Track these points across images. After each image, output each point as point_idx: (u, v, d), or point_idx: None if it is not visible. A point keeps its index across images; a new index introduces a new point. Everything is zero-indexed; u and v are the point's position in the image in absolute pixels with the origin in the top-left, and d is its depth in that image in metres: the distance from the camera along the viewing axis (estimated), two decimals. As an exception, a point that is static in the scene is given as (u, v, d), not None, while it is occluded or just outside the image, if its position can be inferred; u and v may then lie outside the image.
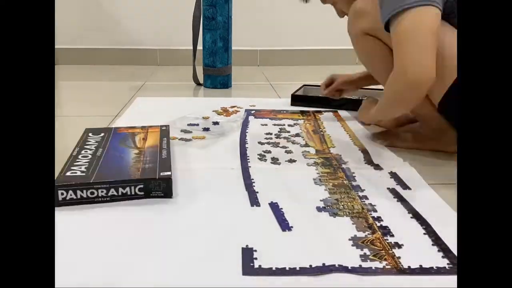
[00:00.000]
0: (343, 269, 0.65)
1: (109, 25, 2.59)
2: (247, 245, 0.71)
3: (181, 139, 1.25)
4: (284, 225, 0.78)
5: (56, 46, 2.51)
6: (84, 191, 0.84)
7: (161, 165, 0.94)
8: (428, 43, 0.91)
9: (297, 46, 2.68)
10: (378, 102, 1.13)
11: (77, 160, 0.97)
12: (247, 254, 0.69)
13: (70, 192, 0.84)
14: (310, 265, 0.66)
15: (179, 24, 2.41)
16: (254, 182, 0.96)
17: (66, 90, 2.02)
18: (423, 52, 0.91)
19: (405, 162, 1.09)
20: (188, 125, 1.37)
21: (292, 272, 0.65)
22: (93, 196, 0.85)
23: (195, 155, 1.14)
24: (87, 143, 1.09)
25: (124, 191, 0.86)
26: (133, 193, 0.86)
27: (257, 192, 0.91)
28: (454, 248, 0.71)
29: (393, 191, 0.93)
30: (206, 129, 1.34)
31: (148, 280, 0.63)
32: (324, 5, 1.30)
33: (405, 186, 0.95)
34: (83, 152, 1.02)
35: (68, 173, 0.89)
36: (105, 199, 0.85)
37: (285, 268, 0.65)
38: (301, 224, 0.78)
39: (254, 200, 0.88)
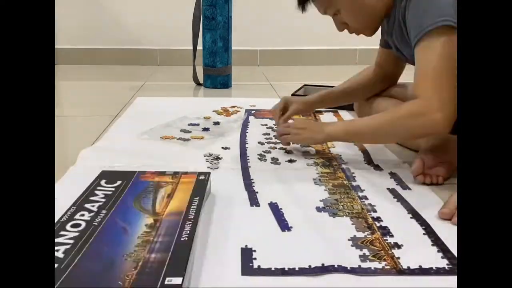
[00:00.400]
0: (342, 269, 0.65)
1: (109, 25, 2.59)
2: (246, 245, 0.71)
3: (180, 138, 1.25)
4: (284, 225, 0.78)
5: (56, 46, 2.52)
6: None
7: (174, 259, 0.61)
8: (452, 81, 0.83)
9: (297, 46, 2.68)
10: (349, 125, 1.07)
11: (62, 232, 0.67)
12: (246, 254, 0.69)
13: None
14: (309, 266, 0.66)
15: (179, 24, 2.41)
16: (253, 182, 0.96)
17: (66, 90, 2.02)
18: (447, 92, 0.85)
19: (405, 163, 1.08)
20: (189, 125, 1.37)
21: (291, 272, 0.65)
22: None
23: (193, 155, 1.13)
24: (91, 197, 0.79)
25: None
26: None
27: (257, 192, 0.91)
28: (453, 249, 0.70)
29: (393, 191, 0.93)
30: (206, 129, 1.34)
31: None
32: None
33: (405, 186, 0.95)
34: (77, 216, 0.72)
35: None
36: None
37: (284, 268, 0.65)
38: (300, 224, 0.78)
39: (253, 200, 0.88)
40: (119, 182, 0.85)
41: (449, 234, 0.74)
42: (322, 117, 1.50)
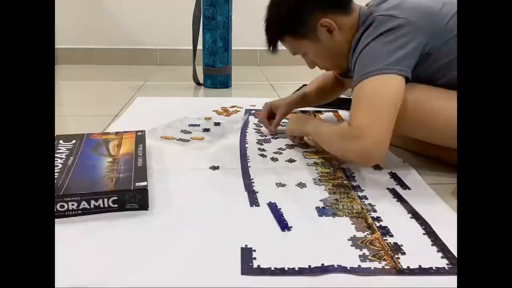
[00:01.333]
0: (342, 269, 0.65)
1: (109, 25, 2.59)
2: (246, 245, 0.71)
3: (180, 139, 1.25)
4: (283, 225, 0.78)
5: (56, 46, 2.51)
6: (54, 204, 0.78)
7: (137, 175, 0.88)
8: (385, 112, 0.89)
9: (297, 46, 2.68)
10: (320, 127, 1.09)
11: None
12: (246, 254, 0.69)
13: None
14: (309, 266, 0.66)
15: (179, 24, 2.41)
16: (253, 182, 0.96)
17: (66, 90, 2.02)
18: (379, 120, 0.89)
19: (405, 163, 1.09)
20: (189, 125, 1.37)
21: (291, 272, 0.65)
22: (63, 209, 0.79)
23: (193, 156, 1.13)
24: (57, 151, 1.02)
25: (96, 204, 0.80)
26: (106, 205, 0.81)
27: (257, 192, 0.91)
28: (453, 249, 0.71)
29: (392, 191, 0.93)
30: (206, 130, 1.34)
31: (147, 280, 0.63)
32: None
33: (405, 186, 0.95)
34: None
35: None
36: (76, 212, 0.80)
37: (284, 268, 0.65)
38: (300, 224, 0.78)
39: (253, 200, 0.88)
40: (74, 141, 1.09)
41: (449, 234, 0.74)
42: (322, 117, 1.50)
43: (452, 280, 0.63)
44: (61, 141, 1.08)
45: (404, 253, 0.70)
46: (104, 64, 2.59)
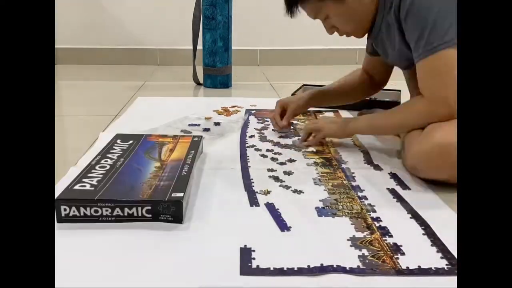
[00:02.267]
0: (341, 269, 0.65)
1: (109, 25, 2.59)
2: (245, 245, 0.71)
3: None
4: (282, 225, 0.78)
5: (56, 46, 2.51)
6: (88, 208, 0.77)
7: (177, 184, 0.84)
8: (455, 83, 0.87)
9: (297, 46, 2.68)
10: (372, 119, 1.14)
11: (93, 170, 0.90)
12: (245, 254, 0.69)
13: (73, 208, 0.77)
14: (308, 266, 0.66)
15: (179, 24, 2.41)
16: (253, 182, 0.96)
17: (66, 89, 2.02)
18: (452, 88, 0.88)
19: (404, 163, 1.08)
20: (189, 125, 1.37)
21: (290, 272, 0.65)
22: (97, 214, 0.77)
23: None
24: (111, 150, 1.01)
25: (130, 212, 0.78)
26: (140, 214, 0.78)
27: (257, 192, 0.91)
28: (453, 249, 0.70)
29: (392, 192, 0.93)
30: (206, 130, 1.34)
31: (146, 279, 0.63)
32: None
33: (405, 187, 0.95)
34: (103, 161, 0.95)
35: (77, 186, 0.82)
36: (109, 218, 0.78)
37: (283, 268, 0.65)
38: (299, 225, 0.78)
39: (253, 200, 0.88)
40: (131, 141, 1.09)
41: (448, 234, 0.74)
42: (322, 117, 1.50)
43: (451, 280, 0.63)
44: (118, 141, 1.08)
45: (403, 254, 0.70)
46: (104, 64, 2.59)
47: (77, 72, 2.41)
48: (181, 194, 0.79)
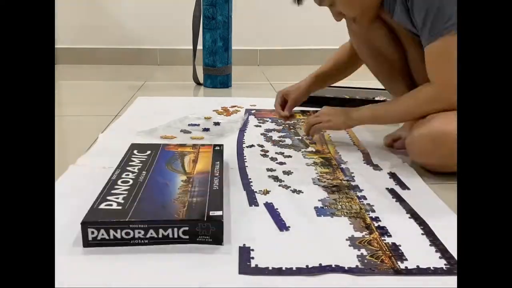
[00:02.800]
0: (339, 269, 0.65)
1: (109, 25, 2.59)
2: (244, 244, 0.71)
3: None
4: (281, 225, 0.78)
5: (56, 46, 2.52)
6: (118, 231, 0.70)
7: (212, 200, 0.78)
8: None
9: (297, 46, 2.68)
10: (375, 109, 1.14)
11: (116, 186, 0.82)
12: (244, 253, 0.69)
13: (102, 231, 0.70)
14: (307, 265, 0.66)
15: (179, 23, 2.41)
16: (251, 182, 0.96)
17: (66, 89, 2.02)
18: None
19: (404, 163, 1.08)
20: (189, 125, 1.37)
21: (289, 272, 0.65)
22: (129, 237, 0.70)
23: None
24: (130, 163, 0.94)
25: (165, 233, 0.70)
26: (176, 236, 0.71)
27: (255, 192, 0.91)
28: (452, 249, 0.70)
29: (391, 191, 0.93)
30: (206, 130, 1.34)
31: (144, 278, 0.63)
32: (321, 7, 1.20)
33: (404, 187, 0.95)
34: (124, 175, 0.87)
35: (103, 205, 0.75)
36: (142, 241, 0.71)
37: (281, 268, 0.65)
38: (298, 224, 0.78)
39: (252, 200, 0.88)
40: (149, 152, 1.01)
41: (448, 234, 0.74)
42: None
43: (450, 280, 0.63)
44: (135, 151, 1.01)
45: (402, 253, 0.69)
46: (104, 64, 2.59)
47: (77, 72, 2.42)
48: (220, 213, 0.73)
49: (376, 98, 1.64)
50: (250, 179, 0.98)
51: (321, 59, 2.66)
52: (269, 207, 0.85)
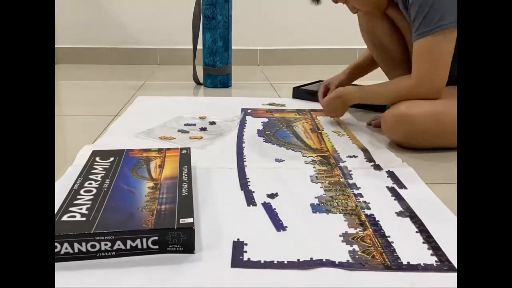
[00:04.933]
0: (330, 263, 0.65)
1: (109, 25, 2.60)
2: (238, 239, 0.72)
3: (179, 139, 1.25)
4: (279, 225, 0.78)
5: (56, 46, 2.53)
6: (83, 243, 0.66)
7: (181, 207, 0.74)
8: (447, 66, 1.10)
9: (297, 46, 2.69)
10: (368, 91, 1.30)
11: (79, 196, 0.78)
12: (238, 247, 0.70)
13: (66, 245, 0.66)
14: (298, 259, 0.66)
15: (179, 23, 2.42)
16: (249, 182, 0.96)
17: (66, 89, 2.02)
18: (444, 75, 1.11)
19: (403, 162, 1.08)
20: (185, 125, 1.38)
21: (280, 265, 0.65)
22: (95, 250, 0.67)
23: (193, 155, 1.13)
24: (92, 171, 0.90)
25: (133, 244, 0.67)
26: (145, 247, 0.68)
27: (253, 192, 0.91)
28: (446, 247, 0.71)
29: (389, 190, 0.93)
30: (203, 129, 1.34)
31: (140, 275, 0.64)
32: (324, 4, 1.32)
33: (402, 185, 0.95)
34: (86, 184, 0.84)
35: (65, 217, 0.70)
36: (109, 253, 0.67)
37: (273, 261, 0.66)
38: (294, 222, 0.79)
39: (250, 200, 0.88)
40: (111, 159, 0.97)
41: (443, 233, 0.75)
42: (319, 116, 1.50)
43: (441, 276, 0.64)
44: (97, 159, 0.97)
45: (393, 250, 0.70)
46: (104, 64, 2.60)
47: (77, 72, 2.42)
48: (190, 220, 0.70)
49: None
50: (248, 178, 0.98)
51: (320, 58, 2.69)
52: (267, 207, 0.85)
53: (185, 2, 2.19)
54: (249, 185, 0.94)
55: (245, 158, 1.11)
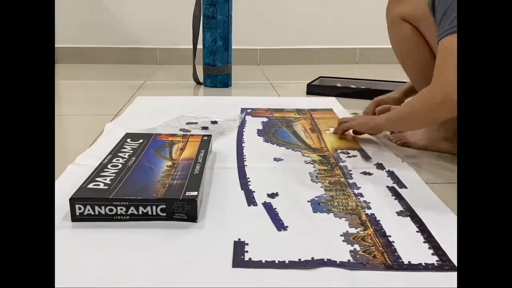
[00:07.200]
0: (331, 263, 0.65)
1: (109, 24, 2.60)
2: (239, 239, 0.72)
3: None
4: (279, 225, 0.78)
5: (56, 45, 2.53)
6: (103, 207, 0.77)
7: (190, 183, 0.85)
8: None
9: (297, 45, 2.69)
10: (391, 113, 1.15)
11: (106, 169, 0.90)
12: (239, 247, 0.70)
13: (88, 207, 0.77)
14: (299, 259, 0.66)
15: (179, 23, 2.42)
16: (249, 181, 0.96)
17: (66, 89, 2.02)
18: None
19: (403, 162, 1.08)
20: (187, 123, 1.38)
21: (281, 265, 0.65)
22: (112, 213, 0.78)
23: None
24: (122, 149, 1.03)
25: (144, 211, 0.78)
26: (154, 213, 0.78)
27: (253, 192, 0.91)
28: (447, 246, 0.71)
29: (389, 189, 0.93)
30: (205, 128, 1.35)
31: (140, 274, 0.64)
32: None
33: (402, 185, 0.95)
34: (114, 160, 0.96)
35: (90, 185, 0.83)
36: (124, 217, 0.78)
37: (274, 261, 0.66)
38: (295, 222, 0.79)
39: (250, 199, 0.88)
40: (141, 140, 1.10)
41: (443, 232, 0.75)
42: (318, 116, 1.50)
43: (441, 276, 0.64)
44: (128, 140, 1.09)
45: (395, 249, 0.70)
46: (104, 63, 2.60)
47: (77, 72, 2.42)
48: (195, 193, 0.80)
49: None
50: (248, 178, 0.98)
51: (321, 58, 2.69)
52: (267, 206, 0.85)
53: (185, 2, 2.19)
54: (249, 185, 0.94)
55: (245, 158, 1.11)
